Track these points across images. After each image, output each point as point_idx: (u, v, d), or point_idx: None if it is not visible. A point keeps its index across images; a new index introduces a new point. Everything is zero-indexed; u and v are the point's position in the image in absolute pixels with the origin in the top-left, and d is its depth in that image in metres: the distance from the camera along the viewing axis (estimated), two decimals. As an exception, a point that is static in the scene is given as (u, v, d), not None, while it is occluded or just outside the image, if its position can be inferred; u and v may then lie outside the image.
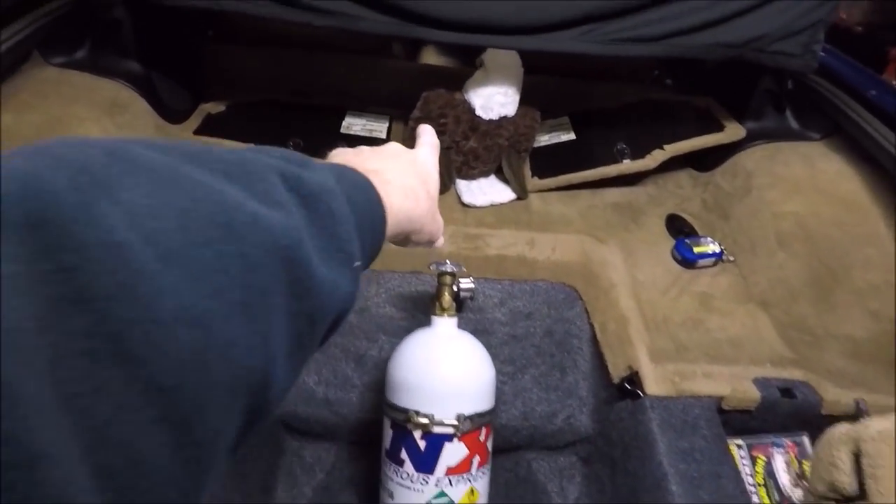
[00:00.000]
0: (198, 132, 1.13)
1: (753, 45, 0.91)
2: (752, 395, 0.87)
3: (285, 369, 0.22)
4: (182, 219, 0.18)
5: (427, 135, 0.46)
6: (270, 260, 0.21)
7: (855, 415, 0.85)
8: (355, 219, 0.27)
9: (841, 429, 0.55)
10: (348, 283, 0.26)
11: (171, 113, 1.12)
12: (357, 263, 0.27)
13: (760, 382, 0.89)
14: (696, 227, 1.15)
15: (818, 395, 0.88)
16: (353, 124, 1.22)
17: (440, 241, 0.44)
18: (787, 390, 0.89)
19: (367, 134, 1.21)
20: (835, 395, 0.89)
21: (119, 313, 0.15)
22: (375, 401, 0.95)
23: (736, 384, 0.87)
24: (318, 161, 0.29)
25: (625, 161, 1.14)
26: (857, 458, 0.52)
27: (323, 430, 0.96)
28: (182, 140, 0.25)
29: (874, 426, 0.52)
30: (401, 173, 0.37)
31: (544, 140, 1.25)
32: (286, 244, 0.21)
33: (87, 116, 0.93)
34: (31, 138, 0.87)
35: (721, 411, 0.88)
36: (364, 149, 0.39)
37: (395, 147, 0.41)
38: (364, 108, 1.26)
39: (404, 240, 0.39)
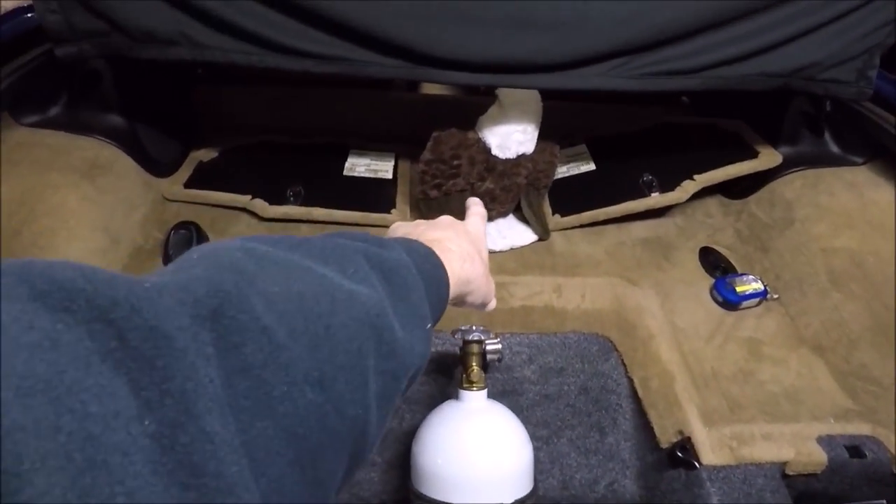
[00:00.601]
0: (188, 185, 1.04)
1: (802, 74, 0.83)
2: (819, 457, 0.78)
3: (378, 418, 0.26)
4: (300, 301, 0.23)
5: (476, 206, 0.51)
6: (364, 328, 0.25)
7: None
8: (424, 285, 0.32)
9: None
10: (423, 343, 0.30)
11: (159, 166, 1.03)
12: (429, 325, 0.31)
13: (825, 441, 0.80)
14: (733, 262, 1.06)
15: (890, 453, 0.80)
16: (357, 165, 1.14)
17: (493, 304, 0.47)
18: (855, 448, 0.80)
19: (372, 175, 1.12)
20: None
21: (268, 379, 0.20)
22: (400, 479, 0.86)
23: (800, 446, 0.78)
24: (390, 238, 0.35)
25: (653, 194, 1.06)
26: None
27: (343, 516, 0.86)
28: (286, 237, 0.28)
29: None
30: (457, 241, 0.41)
31: (562, 172, 1.16)
32: (375, 314, 0.26)
33: (62, 183, 0.84)
34: (2, 214, 0.78)
35: (783, 476, 0.79)
36: (421, 222, 0.45)
37: (447, 219, 0.46)
38: (367, 146, 1.17)
39: (460, 301, 0.42)
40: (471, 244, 0.42)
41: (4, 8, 0.93)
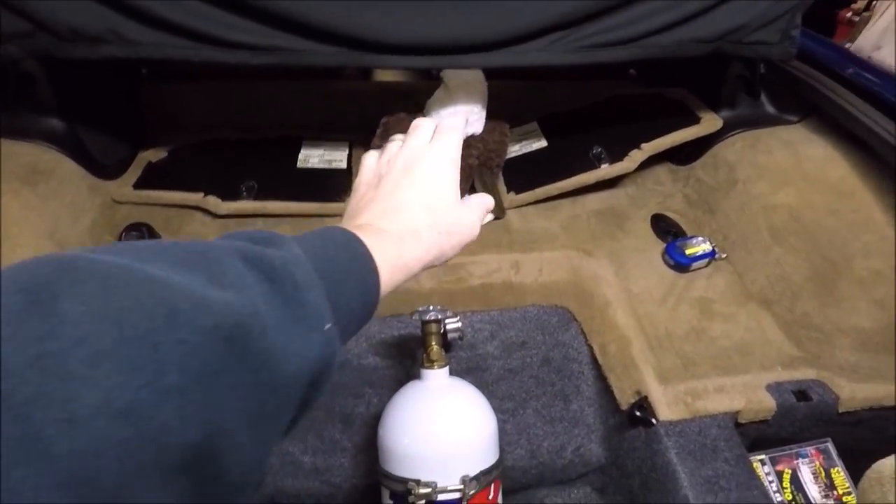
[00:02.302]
0: (138, 185, 1.02)
1: (731, 38, 0.85)
2: (768, 404, 0.82)
3: (249, 438, 0.24)
4: (118, 317, 0.20)
5: (445, 132, 0.44)
6: (213, 341, 0.22)
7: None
8: (327, 283, 0.29)
9: (888, 465, 0.50)
10: (318, 346, 0.27)
11: (106, 168, 1.01)
12: (328, 326, 0.28)
13: (774, 388, 0.84)
14: (683, 226, 1.10)
15: (834, 394, 0.84)
16: (311, 156, 1.13)
17: (482, 215, 0.44)
18: (801, 392, 0.84)
19: (327, 165, 1.12)
20: (850, 392, 0.84)
21: (36, 415, 0.17)
22: (369, 463, 0.87)
23: (750, 395, 0.82)
24: (287, 236, 0.31)
25: (603, 166, 1.08)
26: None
27: (315, 503, 0.87)
28: (155, 241, 0.26)
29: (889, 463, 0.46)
30: (397, 213, 0.38)
31: (515, 150, 1.18)
32: (233, 322, 0.23)
33: (1, 191, 0.82)
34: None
35: (737, 424, 0.83)
36: (361, 185, 0.42)
37: (400, 165, 0.41)
38: (320, 137, 1.17)
39: (442, 253, 0.39)
40: (420, 208, 0.38)
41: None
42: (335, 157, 1.13)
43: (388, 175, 0.41)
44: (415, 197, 0.39)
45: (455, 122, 0.44)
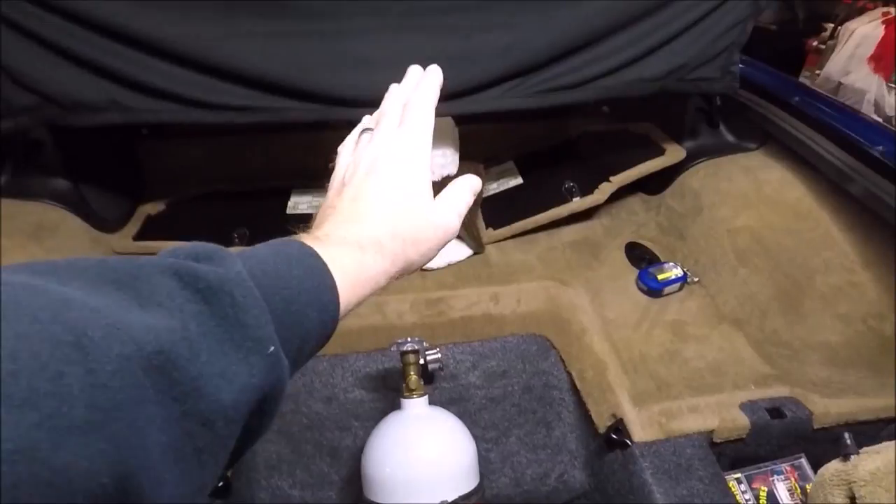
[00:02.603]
0: (137, 237, 1.09)
1: (675, 76, 0.92)
2: (742, 422, 0.84)
3: (175, 476, 0.22)
4: (14, 346, 0.18)
5: (413, 111, 0.40)
6: (130, 369, 0.20)
7: (845, 452, 0.83)
8: (275, 302, 0.26)
9: (832, 469, 0.53)
10: (261, 373, 0.24)
11: (108, 222, 1.08)
12: (272, 349, 0.25)
13: (748, 407, 0.86)
14: (657, 252, 1.14)
15: (808, 410, 0.86)
16: (300, 203, 1.20)
17: (474, 184, 0.40)
18: (775, 410, 0.86)
19: (315, 211, 1.18)
20: (824, 407, 0.86)
21: None
22: (357, 494, 0.89)
23: (724, 414, 0.84)
24: (230, 251, 0.27)
25: (574, 199, 1.14)
26: (852, 501, 0.49)
27: (306, 536, 0.90)
28: (82, 258, 0.24)
29: (864, 466, 0.49)
30: (359, 223, 0.35)
31: (493, 188, 1.24)
32: (154, 349, 0.21)
33: (10, 246, 0.88)
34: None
35: (713, 444, 0.85)
36: (330, 191, 0.39)
37: (364, 167, 0.37)
38: (309, 185, 1.24)
39: (411, 263, 0.36)
40: (387, 218, 0.35)
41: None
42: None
43: (351, 179, 0.38)
44: (377, 203, 0.36)
45: (425, 96, 0.40)
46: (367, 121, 0.42)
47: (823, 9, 2.26)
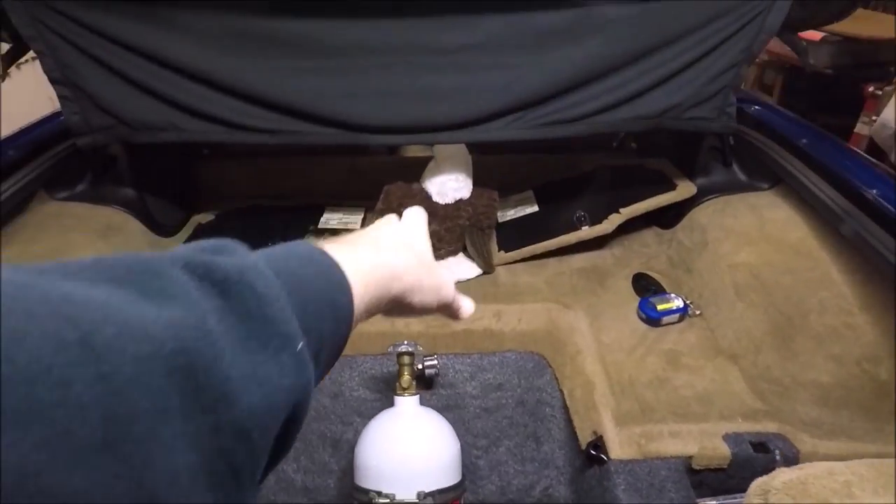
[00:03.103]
0: (189, 242, 1.24)
1: (669, 115, 0.98)
2: (722, 451, 0.86)
3: (200, 496, 0.18)
4: (8, 349, 0.15)
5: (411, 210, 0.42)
6: (149, 373, 0.17)
7: (771, 466, 0.83)
8: (296, 296, 0.24)
9: (758, 480, 0.56)
10: (291, 373, 0.22)
11: (164, 228, 1.24)
12: (300, 345, 0.23)
13: (731, 438, 0.88)
14: (664, 284, 1.17)
15: (795, 448, 0.86)
16: (330, 219, 1.33)
17: (466, 307, 0.39)
18: (760, 444, 0.87)
19: (343, 227, 1.30)
20: (812, 447, 0.87)
21: None
22: (352, 484, 0.97)
23: (705, 442, 0.86)
24: (240, 245, 0.26)
25: (584, 227, 1.20)
26: (766, 510, 0.52)
27: (304, 519, 0.98)
28: (87, 257, 0.21)
29: (780, 477, 0.53)
30: (372, 232, 0.35)
31: (510, 214, 1.32)
32: (175, 348, 0.18)
33: (82, 243, 1.05)
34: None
35: (694, 472, 0.87)
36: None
37: (375, 225, 0.38)
38: (341, 203, 1.37)
39: (404, 306, 0.34)
40: (394, 234, 0.36)
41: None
42: (351, 220, 1.32)
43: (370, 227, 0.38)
44: (389, 227, 0.37)
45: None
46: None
47: (882, 55, 2.21)
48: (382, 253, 0.33)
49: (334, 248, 0.30)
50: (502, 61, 0.91)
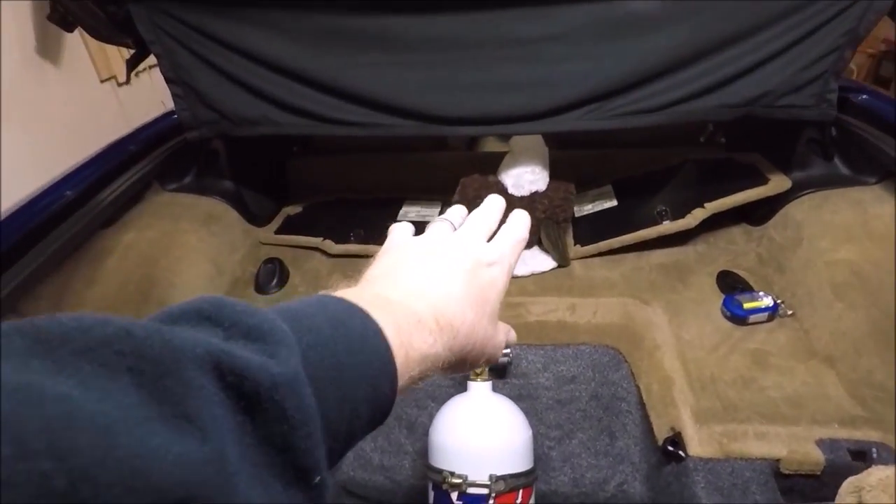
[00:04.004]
0: (278, 231, 1.33)
1: (759, 103, 0.93)
2: (815, 457, 0.81)
3: None
4: None
5: (515, 226, 0.37)
6: None
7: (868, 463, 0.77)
8: (325, 404, 0.22)
9: (851, 478, 0.53)
10: None
11: (257, 218, 1.34)
12: (319, 478, 0.21)
13: (826, 444, 0.82)
14: (752, 283, 1.11)
15: (899, 458, 0.80)
16: (409, 212, 1.37)
17: (512, 338, 0.37)
18: (860, 452, 0.81)
19: (421, 219, 1.34)
20: None
21: None
22: (425, 465, 1.00)
23: (794, 445, 0.82)
24: (287, 323, 0.22)
25: (665, 222, 1.16)
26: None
27: (379, 494, 1.02)
28: (97, 318, 0.17)
29: (875, 474, 0.50)
30: (437, 301, 0.29)
31: (588, 209, 1.31)
32: (184, 496, 0.16)
33: (188, 229, 1.16)
34: (148, 249, 1.11)
35: (783, 476, 0.82)
36: (411, 255, 0.32)
37: (455, 254, 0.32)
38: (419, 197, 1.41)
39: (448, 369, 0.31)
40: (466, 288, 0.31)
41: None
42: (429, 213, 1.36)
43: (438, 243, 0.34)
44: (464, 276, 0.31)
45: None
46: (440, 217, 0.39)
47: None
48: (438, 344, 0.28)
49: (396, 328, 0.26)
50: (581, 51, 0.90)
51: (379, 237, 0.50)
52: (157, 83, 1.48)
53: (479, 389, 0.91)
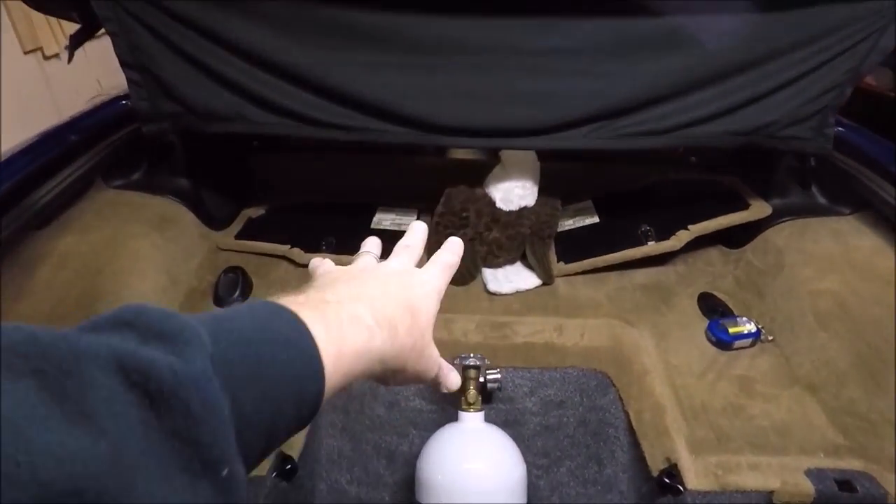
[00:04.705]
0: (239, 236, 1.21)
1: (763, 132, 0.93)
2: (806, 488, 0.81)
3: None
4: None
5: (446, 252, 0.42)
6: None
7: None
8: (240, 399, 0.22)
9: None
10: (209, 498, 0.20)
11: (216, 220, 1.22)
12: (226, 471, 0.21)
13: (814, 474, 0.83)
14: (731, 306, 1.12)
15: (883, 489, 0.81)
16: (383, 219, 1.29)
17: (452, 383, 0.39)
18: (846, 482, 0.82)
19: (396, 228, 1.27)
20: None
21: None
22: (407, 499, 0.94)
23: (787, 477, 0.82)
24: (204, 325, 0.23)
25: (649, 243, 1.15)
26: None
27: (356, 531, 0.94)
28: (9, 326, 0.18)
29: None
30: (374, 301, 0.32)
31: (569, 224, 1.28)
32: (69, 489, 0.16)
33: (138, 233, 1.02)
34: (90, 256, 0.96)
35: (772, 507, 0.82)
36: (343, 273, 0.36)
37: (387, 269, 0.37)
38: (393, 203, 1.33)
39: (380, 379, 0.33)
40: (401, 304, 0.33)
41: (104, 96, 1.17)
42: (404, 221, 1.28)
43: (378, 269, 0.38)
44: (402, 292, 0.35)
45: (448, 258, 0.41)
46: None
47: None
48: (377, 338, 0.30)
49: (326, 325, 0.27)
50: (593, 68, 0.86)
51: (352, 246, 0.46)
52: (93, 58, 1.31)
53: (472, 420, 0.85)
